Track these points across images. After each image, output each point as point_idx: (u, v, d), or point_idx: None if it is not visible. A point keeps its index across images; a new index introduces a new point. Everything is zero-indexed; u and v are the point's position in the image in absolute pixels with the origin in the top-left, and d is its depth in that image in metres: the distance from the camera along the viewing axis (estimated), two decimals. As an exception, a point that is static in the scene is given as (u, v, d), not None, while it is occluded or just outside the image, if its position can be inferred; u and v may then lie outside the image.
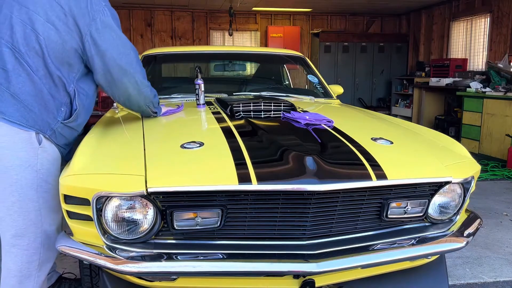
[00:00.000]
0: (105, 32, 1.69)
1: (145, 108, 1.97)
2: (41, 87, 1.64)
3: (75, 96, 1.73)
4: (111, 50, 1.70)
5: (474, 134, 5.93)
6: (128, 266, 1.38)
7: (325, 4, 8.76)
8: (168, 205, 1.44)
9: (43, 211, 1.70)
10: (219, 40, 9.72)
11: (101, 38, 1.68)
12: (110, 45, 1.70)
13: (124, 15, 8.95)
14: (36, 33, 1.60)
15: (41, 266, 1.75)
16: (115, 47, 1.71)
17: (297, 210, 1.48)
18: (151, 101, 1.95)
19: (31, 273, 1.72)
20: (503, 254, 2.85)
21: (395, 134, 1.98)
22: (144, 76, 1.86)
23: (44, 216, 1.70)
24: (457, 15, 8.09)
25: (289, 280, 1.54)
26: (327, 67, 9.43)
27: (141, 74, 1.83)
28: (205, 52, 3.50)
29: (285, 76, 4.01)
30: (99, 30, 1.67)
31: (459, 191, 1.70)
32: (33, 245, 1.70)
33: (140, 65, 1.82)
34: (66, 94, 1.72)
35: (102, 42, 1.68)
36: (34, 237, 1.69)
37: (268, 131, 1.79)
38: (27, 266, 1.70)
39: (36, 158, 1.66)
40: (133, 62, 1.77)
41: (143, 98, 1.90)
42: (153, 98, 1.96)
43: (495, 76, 5.87)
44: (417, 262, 1.75)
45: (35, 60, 1.62)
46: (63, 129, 1.74)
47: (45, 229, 1.72)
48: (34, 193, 1.66)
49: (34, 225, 1.69)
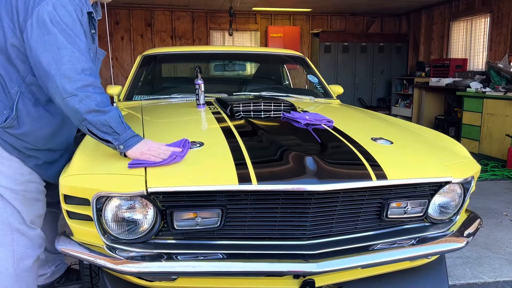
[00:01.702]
0: (37, 28, 1.45)
1: (83, 129, 1.50)
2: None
3: (18, 99, 1.58)
4: (37, 46, 1.44)
5: (474, 134, 5.93)
6: (128, 266, 1.38)
7: (325, 4, 8.75)
8: (168, 205, 1.44)
9: (8, 210, 1.68)
10: (219, 40, 9.71)
11: (32, 34, 1.46)
12: (37, 42, 1.45)
13: (124, 15, 8.95)
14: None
15: (17, 263, 1.73)
16: (42, 43, 1.44)
17: (297, 210, 1.48)
18: (83, 117, 1.44)
19: (8, 270, 1.71)
20: (503, 254, 2.85)
21: (395, 134, 1.98)
22: (77, 80, 1.43)
23: (10, 216, 1.68)
24: (457, 15, 8.09)
25: (289, 280, 1.54)
26: (327, 67, 9.42)
27: (67, 77, 1.42)
28: (205, 52, 3.50)
29: (285, 76, 4.01)
30: (32, 26, 1.46)
31: (459, 191, 1.70)
32: (4, 243, 1.69)
33: (73, 67, 1.43)
34: (10, 97, 1.59)
35: (31, 38, 1.46)
36: (3, 235, 1.69)
37: (268, 131, 1.79)
38: (3, 263, 1.70)
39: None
40: (58, 61, 1.42)
41: (70, 111, 1.45)
42: (91, 115, 1.44)
43: (495, 76, 5.87)
44: (417, 262, 1.75)
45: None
46: (4, 135, 1.60)
47: (16, 227, 1.71)
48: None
49: (2, 223, 1.67)
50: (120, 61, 9.05)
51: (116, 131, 1.48)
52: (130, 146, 1.50)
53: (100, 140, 1.49)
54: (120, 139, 1.49)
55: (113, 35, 8.94)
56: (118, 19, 8.95)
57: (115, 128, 1.47)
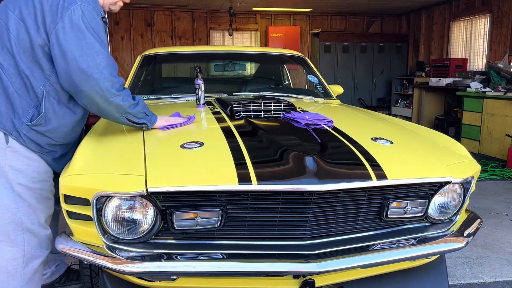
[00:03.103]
0: (71, 32, 1.55)
1: (122, 120, 1.72)
2: (7, 85, 1.62)
3: (44, 98, 1.64)
4: (73, 50, 1.55)
5: (474, 134, 5.93)
6: (128, 266, 1.38)
7: (325, 4, 8.76)
8: (168, 205, 1.44)
9: (21, 209, 1.69)
10: (219, 40, 9.71)
11: (65, 37, 1.55)
12: (72, 45, 1.55)
13: (124, 15, 8.95)
14: (8, 31, 1.60)
15: (26, 263, 1.74)
16: (79, 47, 1.55)
17: (297, 210, 1.48)
18: (126, 111, 1.69)
19: (17, 270, 1.72)
20: (503, 254, 2.85)
21: (395, 134, 1.98)
22: (117, 83, 1.63)
23: (23, 215, 1.69)
24: (457, 15, 8.09)
25: (289, 280, 1.54)
26: (327, 67, 9.42)
27: (109, 81, 1.60)
28: (205, 52, 3.50)
29: (285, 76, 4.01)
30: (64, 29, 1.55)
31: (459, 191, 1.70)
32: (15, 242, 1.70)
33: (109, 70, 1.60)
34: (35, 95, 1.65)
35: (64, 41, 1.55)
36: (15, 234, 1.69)
37: (268, 131, 1.79)
38: (12, 263, 1.70)
39: (4, 158, 1.63)
40: (99, 66, 1.57)
41: (114, 108, 1.66)
42: (131, 108, 1.70)
43: (495, 76, 5.87)
44: (417, 262, 1.75)
45: (6, 58, 1.62)
46: (29, 132, 1.65)
47: (27, 227, 1.71)
48: (9, 192, 1.65)
49: (14, 222, 1.68)
50: (120, 61, 9.05)
51: (147, 114, 1.80)
52: (154, 122, 1.85)
53: (135, 124, 1.78)
54: (151, 120, 1.83)
55: (113, 35, 8.94)
56: (118, 19, 8.95)
57: (147, 112, 1.81)
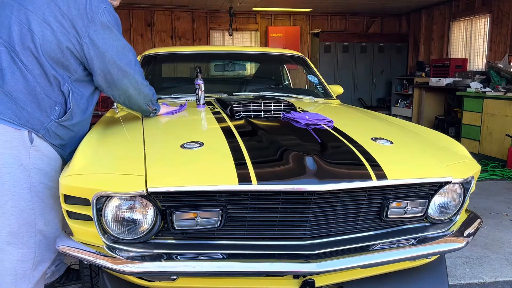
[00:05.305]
0: (104, 34, 1.72)
1: (145, 107, 2.01)
2: (34, 85, 1.66)
3: (69, 95, 1.74)
4: (111, 51, 1.73)
5: (474, 134, 5.93)
6: (128, 266, 1.38)
7: (325, 4, 8.76)
8: (168, 205, 1.44)
9: (36, 210, 1.70)
10: (219, 40, 9.71)
11: (100, 39, 1.71)
12: (109, 46, 1.73)
13: (124, 15, 8.95)
14: (31, 32, 1.64)
15: (36, 266, 1.75)
16: (115, 48, 1.75)
17: (297, 210, 1.48)
18: (150, 99, 1.99)
19: (26, 272, 1.71)
20: (503, 254, 2.85)
21: (395, 134, 1.98)
22: (143, 76, 1.91)
23: (38, 216, 1.70)
24: (457, 15, 8.09)
25: (289, 280, 1.54)
26: (327, 67, 9.42)
27: (140, 74, 1.87)
28: (205, 52, 3.50)
29: (285, 76, 4.01)
30: (98, 32, 1.70)
31: (459, 191, 1.70)
32: (27, 244, 1.70)
33: (138, 65, 1.87)
34: (61, 93, 1.73)
35: (101, 43, 1.71)
36: (28, 236, 1.69)
37: (268, 131, 1.79)
38: (22, 265, 1.70)
39: (28, 157, 1.66)
40: (132, 63, 1.81)
41: (143, 97, 1.94)
42: (152, 96, 2.00)
43: (495, 76, 5.87)
44: (417, 262, 1.75)
45: (30, 59, 1.65)
46: (57, 128, 1.74)
47: (40, 229, 1.72)
48: (27, 192, 1.66)
49: (28, 224, 1.68)
50: (120, 61, 9.04)
51: (157, 102, 2.12)
52: (159, 108, 2.14)
53: (150, 110, 2.06)
54: (159, 106, 2.13)
55: (113, 35, 8.92)
56: (118, 19, 8.94)
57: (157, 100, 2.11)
